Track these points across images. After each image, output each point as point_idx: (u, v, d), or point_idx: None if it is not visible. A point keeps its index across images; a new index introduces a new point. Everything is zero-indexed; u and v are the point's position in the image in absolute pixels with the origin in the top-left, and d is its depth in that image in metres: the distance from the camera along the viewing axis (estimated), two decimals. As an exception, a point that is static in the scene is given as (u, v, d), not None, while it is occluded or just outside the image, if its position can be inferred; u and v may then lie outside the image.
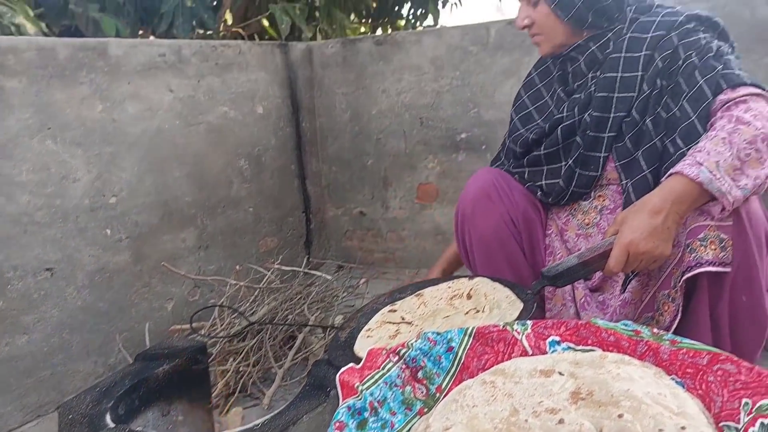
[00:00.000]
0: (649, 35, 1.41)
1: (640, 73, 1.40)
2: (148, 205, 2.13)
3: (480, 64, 2.60)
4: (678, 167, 1.21)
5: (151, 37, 3.24)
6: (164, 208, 2.19)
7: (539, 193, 1.58)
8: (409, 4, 4.53)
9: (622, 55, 1.43)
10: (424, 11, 4.54)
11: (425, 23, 4.68)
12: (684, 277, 1.24)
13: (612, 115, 1.43)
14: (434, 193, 2.78)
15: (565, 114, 1.51)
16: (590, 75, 1.50)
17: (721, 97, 1.29)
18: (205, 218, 2.35)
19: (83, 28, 2.94)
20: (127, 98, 2.06)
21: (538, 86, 1.67)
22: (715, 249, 1.21)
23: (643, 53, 1.40)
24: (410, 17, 4.66)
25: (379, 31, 4.64)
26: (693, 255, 1.23)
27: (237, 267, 2.21)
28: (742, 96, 1.27)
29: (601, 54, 1.47)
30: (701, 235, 1.23)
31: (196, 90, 2.31)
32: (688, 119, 1.32)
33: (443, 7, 4.66)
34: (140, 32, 3.22)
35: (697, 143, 1.25)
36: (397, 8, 4.54)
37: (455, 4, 4.78)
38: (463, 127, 2.68)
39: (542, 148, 1.55)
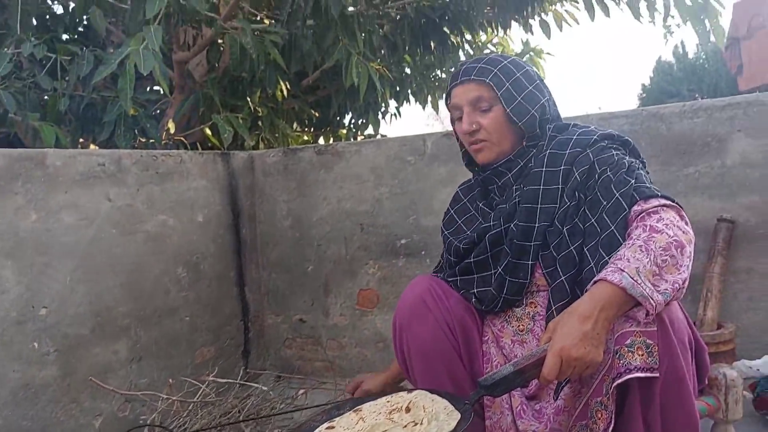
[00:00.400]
0: (567, 152, 1.51)
1: (560, 186, 1.48)
2: (79, 316, 2.07)
3: (418, 174, 2.70)
4: (602, 274, 1.26)
5: (92, 146, 3.25)
6: (96, 319, 2.13)
7: (473, 300, 1.61)
8: (350, 114, 4.70)
9: (543, 169, 1.51)
10: (364, 121, 4.71)
11: (366, 132, 4.84)
12: (615, 384, 1.27)
13: (536, 224, 1.49)
14: (375, 299, 2.79)
15: (492, 223, 1.57)
16: (515, 188, 1.57)
17: (635, 208, 1.37)
18: (139, 329, 2.29)
19: (23, 137, 2.93)
20: (64, 208, 2.05)
21: (464, 201, 1.76)
22: (642, 355, 1.25)
23: (562, 168, 1.49)
24: (351, 126, 4.82)
25: (321, 140, 4.77)
26: (622, 361, 1.26)
27: (170, 380, 2.13)
28: (654, 207, 1.35)
29: (525, 168, 1.56)
30: (628, 342, 1.26)
31: (135, 199, 2.31)
32: (608, 230, 1.39)
33: (383, 117, 4.84)
34: (81, 141, 3.22)
35: (617, 252, 1.31)
36: (338, 118, 4.70)
37: (394, 115, 4.99)
38: (402, 233, 2.73)
39: (472, 256, 1.60)
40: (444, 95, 1.68)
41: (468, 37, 4.46)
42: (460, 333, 1.57)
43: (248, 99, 3.51)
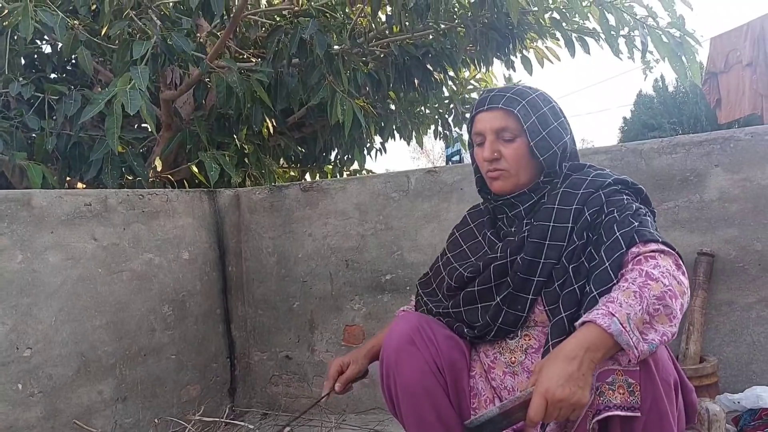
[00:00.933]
0: (581, 192, 1.51)
1: (570, 225, 1.48)
2: (64, 356, 2.06)
3: (402, 210, 2.73)
4: (591, 316, 1.25)
5: (80, 184, 3.26)
6: (81, 359, 2.12)
7: (466, 329, 1.59)
8: (335, 150, 4.75)
9: (555, 206, 1.51)
10: (350, 157, 4.75)
11: (352, 167, 4.88)
12: (594, 420, 1.27)
13: (542, 260, 1.49)
14: (361, 335, 2.79)
15: (498, 255, 1.56)
16: (525, 221, 1.57)
17: (633, 249, 1.37)
18: (124, 368, 2.28)
19: (9, 176, 2.94)
20: (49, 248, 2.05)
21: (471, 226, 1.75)
22: (623, 393, 1.26)
23: (574, 207, 1.49)
24: (337, 162, 4.86)
25: (307, 176, 4.80)
26: (602, 398, 1.27)
27: (156, 420, 2.12)
28: (652, 251, 1.35)
29: (537, 203, 1.56)
30: (609, 379, 1.27)
31: (121, 238, 2.32)
32: (602, 266, 1.39)
33: (368, 153, 4.90)
34: (68, 179, 3.23)
35: (609, 291, 1.31)
36: (324, 154, 4.74)
37: (379, 150, 5.04)
38: (387, 268, 2.75)
39: (476, 284, 1.58)
40: (470, 120, 1.67)
41: (451, 73, 4.53)
42: (448, 372, 1.55)
43: (235, 136, 3.54)
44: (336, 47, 3.34)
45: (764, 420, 1.92)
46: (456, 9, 3.92)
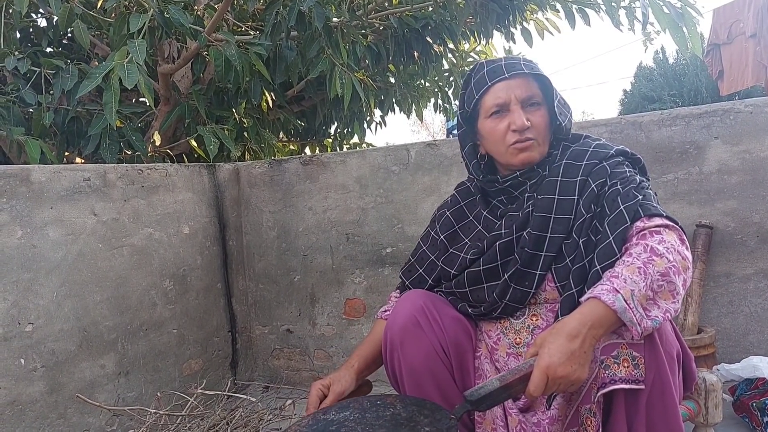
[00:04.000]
0: (584, 163, 1.50)
1: (576, 197, 1.47)
2: (66, 331, 2.07)
3: (402, 183, 2.73)
4: (596, 292, 1.25)
5: (78, 160, 3.25)
6: (83, 334, 2.13)
7: (470, 308, 1.58)
8: (335, 123, 4.73)
9: (559, 179, 1.49)
10: (349, 130, 4.74)
11: (351, 141, 4.87)
12: (599, 393, 1.28)
13: (549, 234, 1.47)
14: (362, 308, 2.81)
15: (503, 231, 1.53)
16: (527, 194, 1.55)
17: (638, 224, 1.37)
18: (126, 342, 2.29)
19: (7, 152, 2.93)
20: (49, 223, 2.05)
21: (461, 204, 1.70)
22: (627, 366, 1.26)
23: (578, 179, 1.48)
24: (337, 136, 4.85)
25: (307, 150, 4.79)
26: (607, 372, 1.27)
27: (158, 394, 2.14)
28: (657, 226, 1.35)
29: (540, 177, 1.54)
30: (614, 353, 1.28)
31: (121, 213, 2.32)
32: (606, 240, 1.39)
33: (368, 126, 4.88)
34: (67, 154, 3.22)
35: (613, 266, 1.31)
36: (324, 128, 4.72)
37: (379, 123, 5.02)
38: (388, 242, 2.76)
39: (481, 264, 1.55)
40: (477, 92, 1.56)
41: (451, 46, 4.50)
42: (453, 353, 1.54)
43: (233, 110, 3.52)
44: (335, 20, 3.31)
45: (760, 389, 1.94)
46: (455, -20, 3.88)
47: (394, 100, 4.71)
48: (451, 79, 4.96)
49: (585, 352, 1.23)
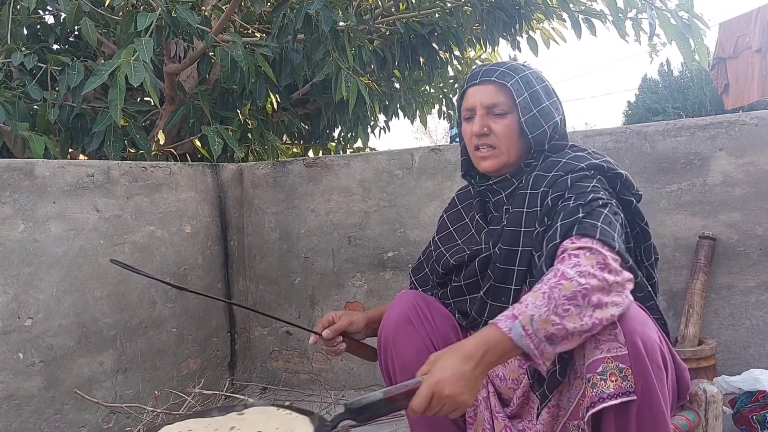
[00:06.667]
0: (551, 174, 1.46)
1: (539, 209, 1.45)
2: (65, 326, 2.07)
3: (405, 187, 2.72)
4: (496, 318, 1.23)
5: (82, 156, 3.25)
6: (82, 330, 2.13)
7: (457, 315, 1.60)
8: (339, 127, 4.73)
9: (528, 191, 1.48)
10: (353, 134, 4.74)
11: (355, 145, 4.87)
12: (588, 413, 1.26)
13: (520, 248, 1.45)
14: (361, 311, 2.80)
15: (483, 246, 1.54)
16: (505, 207, 1.54)
17: (565, 243, 1.32)
18: (125, 340, 2.29)
19: (11, 147, 2.93)
20: (51, 218, 2.05)
21: (459, 207, 1.71)
22: (615, 380, 1.23)
23: (541, 190, 1.45)
24: (341, 139, 4.85)
25: (310, 153, 4.79)
26: (595, 390, 1.24)
27: (156, 392, 2.13)
28: (579, 248, 1.29)
29: (517, 188, 1.52)
30: (600, 369, 1.25)
31: (124, 210, 2.32)
32: (541, 258, 1.37)
33: (372, 131, 4.88)
34: (70, 151, 3.22)
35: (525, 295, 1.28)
36: (328, 131, 4.73)
37: (383, 128, 5.02)
38: (390, 246, 2.75)
39: (462, 278, 1.57)
40: (457, 95, 1.61)
41: (457, 53, 4.51)
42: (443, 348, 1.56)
43: (238, 111, 3.52)
44: (342, 23, 3.32)
45: (761, 402, 1.93)
46: (463, -13, 3.89)
47: (398, 106, 4.72)
48: (456, 85, 4.96)
49: (476, 377, 1.20)
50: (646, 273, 1.49)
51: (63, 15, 3.25)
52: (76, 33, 3.71)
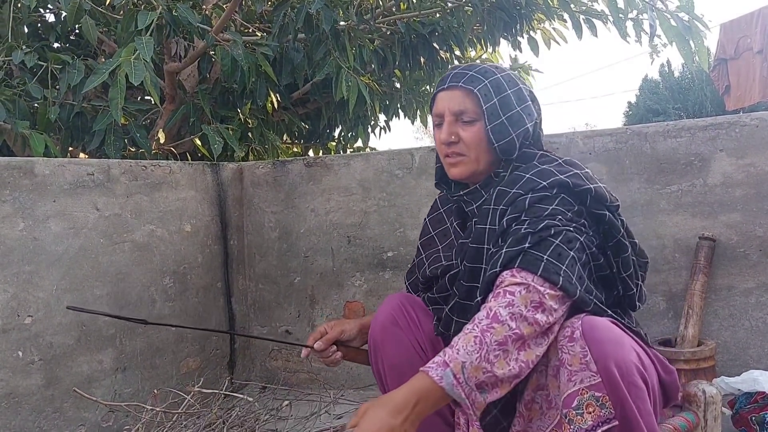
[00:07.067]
0: (513, 191, 1.39)
1: (497, 227, 1.40)
2: (64, 325, 2.07)
3: (405, 187, 2.72)
4: (427, 366, 1.22)
5: (82, 155, 3.25)
6: (81, 329, 2.13)
7: (435, 321, 1.59)
8: (339, 127, 4.73)
9: (491, 207, 1.42)
10: (354, 134, 4.74)
11: (355, 145, 4.87)
12: None
13: (483, 266, 1.41)
14: (361, 310, 2.80)
15: (454, 262, 1.52)
16: (474, 220, 1.49)
17: (504, 273, 1.29)
18: (124, 338, 2.29)
19: (11, 145, 2.93)
20: (51, 216, 2.05)
21: (440, 211, 1.68)
22: (593, 410, 1.22)
23: (500, 207, 1.39)
24: (341, 139, 4.85)
25: (310, 152, 4.79)
26: (572, 426, 1.24)
27: (155, 391, 2.13)
28: (515, 284, 1.26)
29: (483, 202, 1.47)
30: (575, 404, 1.24)
31: (123, 208, 2.32)
32: (479, 286, 1.36)
33: (372, 131, 4.88)
34: (71, 149, 3.22)
35: (456, 337, 1.26)
36: (328, 131, 4.72)
37: (383, 128, 5.02)
38: (389, 245, 2.75)
39: (435, 291, 1.57)
40: (430, 100, 1.58)
41: (457, 53, 4.50)
42: (430, 349, 1.56)
43: (239, 110, 3.52)
44: (342, 23, 3.32)
45: (760, 403, 1.93)
46: (464, -13, 3.88)
47: (398, 105, 4.71)
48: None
49: (405, 430, 1.18)
50: (623, 285, 1.44)
51: (64, 13, 3.25)
52: (77, 31, 3.71)
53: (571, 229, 1.34)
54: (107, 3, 3.06)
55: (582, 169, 1.43)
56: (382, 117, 4.92)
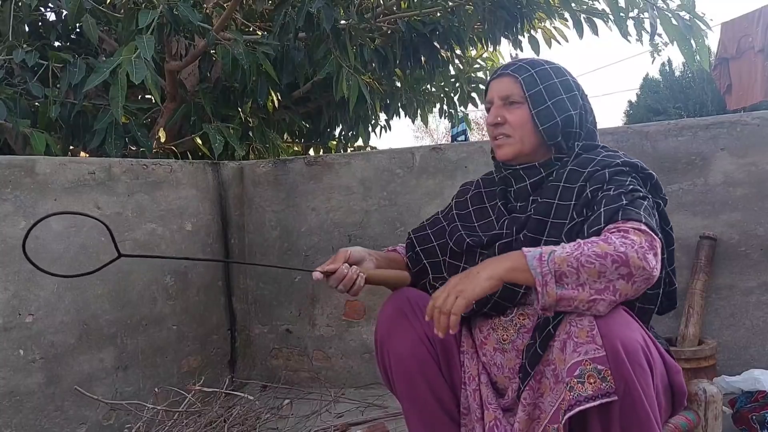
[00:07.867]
0: (587, 170, 1.49)
1: (573, 203, 1.47)
2: (65, 323, 2.07)
3: (406, 186, 2.72)
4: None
5: (83, 154, 3.25)
6: (82, 327, 2.13)
7: None
8: (340, 126, 4.73)
9: (561, 184, 1.50)
10: (354, 133, 4.74)
11: (356, 144, 4.87)
12: (566, 416, 1.26)
13: (544, 238, 1.47)
14: (362, 310, 2.80)
15: (504, 232, 1.56)
16: (531, 198, 1.56)
17: (610, 225, 1.35)
18: (125, 337, 2.29)
19: (12, 143, 2.93)
20: (52, 215, 2.05)
21: (481, 190, 1.72)
22: (594, 382, 1.23)
23: (578, 185, 1.48)
24: (341, 138, 4.85)
25: (311, 151, 4.79)
26: (572, 393, 1.24)
27: (156, 389, 2.13)
28: (627, 227, 1.31)
29: (545, 180, 1.55)
30: (577, 372, 1.25)
31: (125, 207, 2.32)
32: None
33: (373, 130, 4.88)
34: (71, 148, 3.22)
35: None
36: (329, 130, 4.72)
37: (384, 127, 5.02)
38: (390, 244, 2.71)
39: (477, 259, 1.57)
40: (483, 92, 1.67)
41: (458, 52, 4.50)
42: (438, 342, 1.56)
43: (239, 109, 3.52)
44: (343, 22, 3.32)
45: (760, 402, 1.93)
46: (465, -14, 3.88)
47: (399, 104, 4.71)
48: (457, 85, 4.95)
49: (482, 278, 1.30)
50: (668, 279, 1.51)
51: (65, 12, 3.25)
52: (78, 30, 3.71)
53: (650, 199, 1.43)
54: (108, 2, 3.06)
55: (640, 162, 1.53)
56: (382, 116, 4.92)
